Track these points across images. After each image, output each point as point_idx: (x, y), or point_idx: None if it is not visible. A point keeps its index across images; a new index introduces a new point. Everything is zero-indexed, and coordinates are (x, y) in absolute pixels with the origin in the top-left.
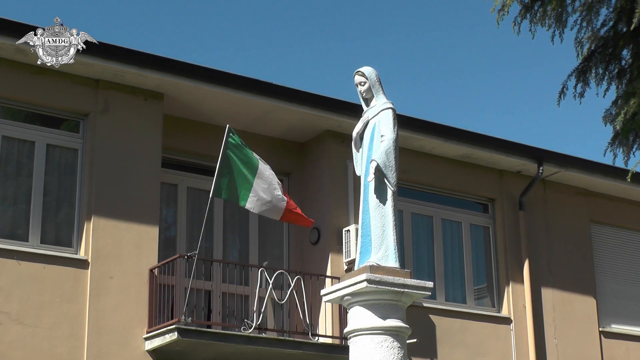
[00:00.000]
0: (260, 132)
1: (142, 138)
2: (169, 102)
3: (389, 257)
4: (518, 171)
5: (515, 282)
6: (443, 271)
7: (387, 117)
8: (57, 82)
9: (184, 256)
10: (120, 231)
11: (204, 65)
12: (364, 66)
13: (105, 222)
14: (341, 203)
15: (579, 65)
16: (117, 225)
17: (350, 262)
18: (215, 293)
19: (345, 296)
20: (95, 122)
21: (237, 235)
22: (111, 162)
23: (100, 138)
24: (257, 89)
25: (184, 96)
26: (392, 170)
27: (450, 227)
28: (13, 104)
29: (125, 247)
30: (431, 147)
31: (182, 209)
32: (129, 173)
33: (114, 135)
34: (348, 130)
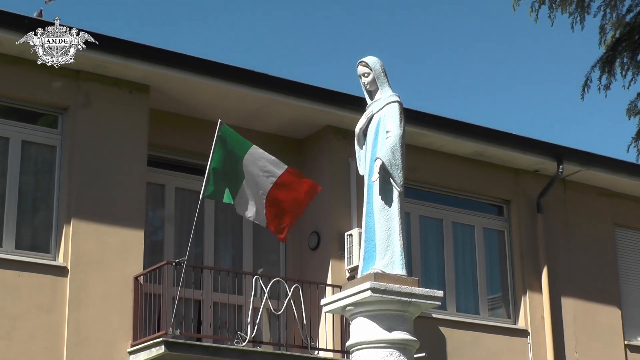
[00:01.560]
0: (255, 127)
1: (126, 134)
2: (155, 95)
3: (395, 263)
4: (536, 170)
5: (532, 291)
6: (454, 279)
7: (393, 112)
8: (34, 73)
9: (172, 263)
10: (103, 235)
11: (194, 55)
12: (367, 56)
13: (86, 225)
14: (343, 205)
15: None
16: (98, 229)
17: (353, 270)
18: (206, 303)
19: (348, 306)
20: (76, 117)
21: (229, 240)
22: (92, 160)
23: (80, 134)
24: (252, 81)
25: (172, 88)
26: (398, 169)
27: (462, 231)
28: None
29: (108, 252)
30: (441, 144)
31: (170, 211)
32: (112, 172)
33: (95, 131)
34: (350, 125)
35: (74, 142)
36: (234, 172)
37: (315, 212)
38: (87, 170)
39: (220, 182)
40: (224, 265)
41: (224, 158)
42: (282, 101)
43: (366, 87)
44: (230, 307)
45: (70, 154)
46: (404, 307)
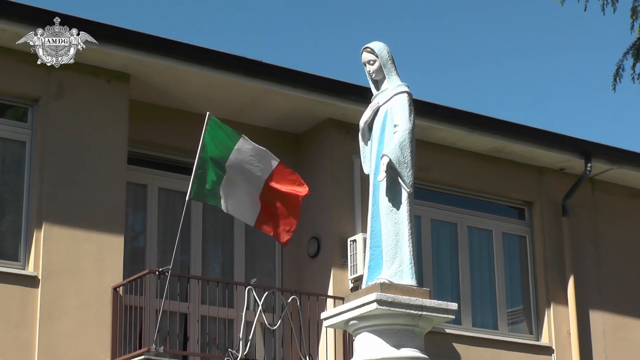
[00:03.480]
0: (248, 121)
1: (104, 128)
2: (137, 85)
3: (404, 273)
4: (561, 169)
5: (557, 304)
6: (469, 290)
7: (401, 103)
8: (0, 60)
9: (155, 272)
10: (78, 242)
11: (180, 40)
12: (373, 41)
13: (59, 230)
14: (346, 207)
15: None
16: (73, 235)
17: (357, 279)
18: (193, 317)
19: (351, 320)
20: (48, 109)
21: (219, 246)
22: (66, 157)
23: (53, 128)
24: (244, 69)
25: (155, 77)
26: (407, 168)
27: (479, 236)
28: None
29: (84, 260)
30: (455, 140)
31: (153, 215)
32: (88, 171)
33: (69, 125)
34: (354, 118)
35: (45, 137)
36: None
37: (314, 216)
38: (60, 168)
39: (209, 181)
40: (213, 274)
41: (213, 155)
42: (277, 91)
43: (371, 76)
44: (220, 321)
45: (42, 151)
46: (414, 321)
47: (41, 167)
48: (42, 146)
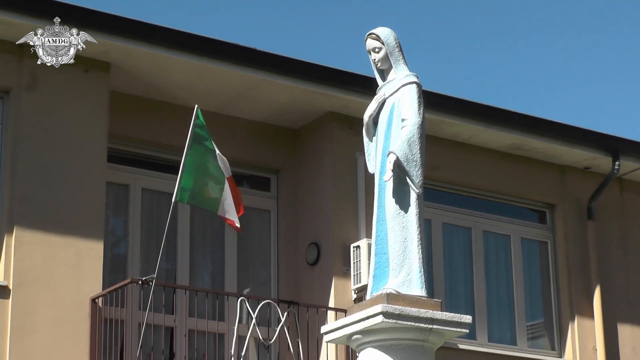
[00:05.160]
0: (240, 114)
1: (81, 123)
2: (118, 75)
3: (413, 282)
4: (586, 167)
5: (582, 316)
6: (485, 301)
7: (410, 95)
8: None
9: (138, 281)
10: (52, 248)
11: (165, 26)
12: (379, 27)
13: (32, 235)
14: (348, 210)
15: None
16: (47, 240)
17: (361, 290)
18: (180, 331)
19: (354, 335)
20: (19, 102)
21: (209, 253)
22: (40, 155)
23: (25, 123)
24: (236, 57)
25: (137, 66)
26: (416, 166)
27: (496, 241)
28: None
29: (59, 269)
30: (469, 135)
31: (136, 218)
32: (64, 170)
33: (43, 119)
34: (357, 112)
35: (17, 132)
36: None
37: (314, 219)
38: (33, 167)
39: (197, 182)
40: (202, 284)
41: (201, 152)
42: (272, 82)
43: (377, 65)
44: (210, 335)
45: (13, 147)
46: (424, 335)
47: (12, 166)
48: (14, 142)
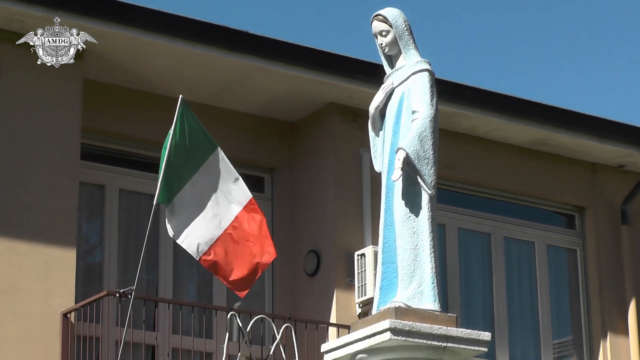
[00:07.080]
0: (230, 106)
1: (52, 116)
2: (92, 62)
3: (424, 294)
4: (620, 165)
5: (615, 332)
6: (506, 316)
7: (421, 84)
8: None
9: (115, 294)
10: (19, 256)
11: (145, 6)
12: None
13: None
14: (352, 214)
15: None
16: (13, 247)
17: (366, 303)
18: (162, 349)
19: (359, 354)
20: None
21: (194, 263)
22: (6, 151)
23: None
24: (226, 42)
25: (114, 52)
26: (428, 164)
27: (518, 249)
28: None
29: (27, 279)
30: (488, 130)
31: (112, 223)
32: (32, 168)
33: (9, 111)
34: (362, 103)
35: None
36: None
37: (313, 225)
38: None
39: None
40: (188, 297)
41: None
42: (267, 69)
43: (384, 51)
44: (197, 354)
45: None
46: (437, 354)
47: None
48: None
